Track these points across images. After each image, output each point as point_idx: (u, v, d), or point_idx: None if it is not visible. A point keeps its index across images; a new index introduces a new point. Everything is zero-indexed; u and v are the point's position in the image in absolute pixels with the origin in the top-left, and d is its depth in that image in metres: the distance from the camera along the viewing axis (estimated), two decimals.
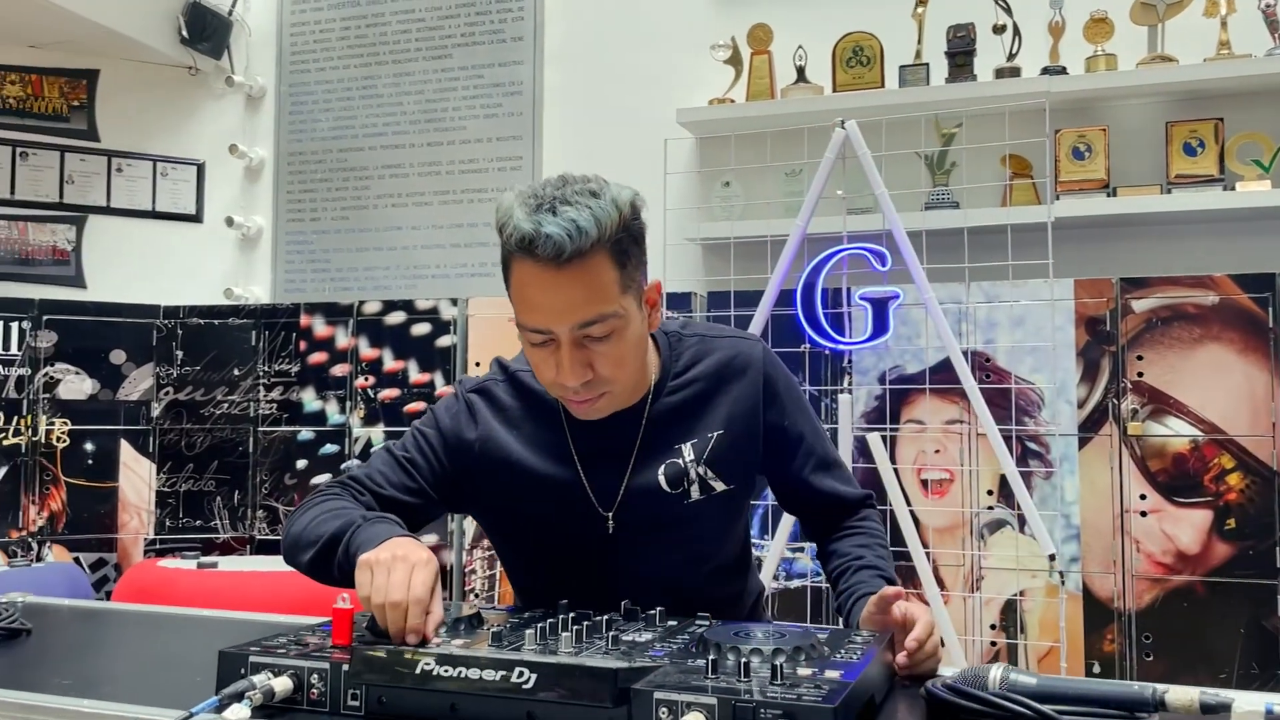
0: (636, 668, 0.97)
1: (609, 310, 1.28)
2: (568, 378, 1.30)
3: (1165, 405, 2.63)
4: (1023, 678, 1.00)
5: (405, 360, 3.30)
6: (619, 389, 1.36)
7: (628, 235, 1.30)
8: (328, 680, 1.02)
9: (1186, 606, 2.58)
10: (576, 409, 1.37)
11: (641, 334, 1.37)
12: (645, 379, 1.43)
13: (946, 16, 3.13)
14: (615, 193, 1.29)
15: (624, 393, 1.38)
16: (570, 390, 1.32)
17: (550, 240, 1.23)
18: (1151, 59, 2.95)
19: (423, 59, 3.86)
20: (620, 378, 1.34)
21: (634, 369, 1.37)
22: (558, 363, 1.30)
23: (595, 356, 1.30)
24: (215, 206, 4.02)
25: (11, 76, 3.84)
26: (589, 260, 1.25)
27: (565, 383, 1.31)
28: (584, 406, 1.35)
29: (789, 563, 2.84)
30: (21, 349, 3.34)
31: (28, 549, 3.28)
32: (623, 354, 1.32)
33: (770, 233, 2.87)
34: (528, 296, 1.29)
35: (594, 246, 1.25)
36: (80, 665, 1.27)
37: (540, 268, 1.25)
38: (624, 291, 1.30)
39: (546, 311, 1.27)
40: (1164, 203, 2.90)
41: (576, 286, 1.26)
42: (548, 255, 1.23)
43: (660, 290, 1.40)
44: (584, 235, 1.23)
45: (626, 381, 1.36)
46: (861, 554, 1.46)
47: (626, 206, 1.29)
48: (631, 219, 1.31)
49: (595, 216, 1.24)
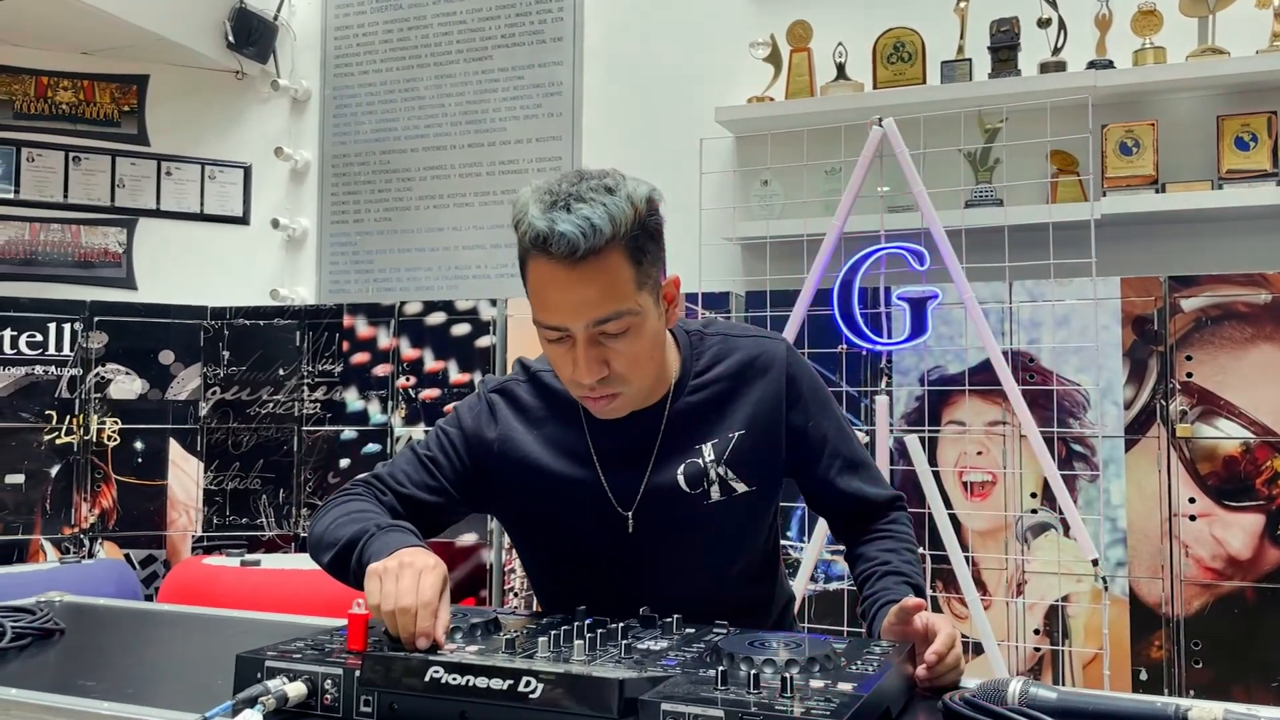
0: (645, 677, 0.96)
1: (624, 307, 1.28)
2: (583, 375, 1.30)
3: (1215, 407, 2.56)
4: (1042, 692, 0.98)
5: (445, 360, 3.32)
6: (635, 388, 1.35)
7: (644, 232, 1.29)
8: (341, 686, 1.03)
9: (1237, 613, 2.51)
10: (593, 407, 1.37)
11: (658, 331, 1.36)
12: (665, 377, 1.43)
13: (989, 11, 3.08)
14: (631, 189, 1.28)
15: (640, 392, 1.37)
16: (586, 388, 1.32)
17: (564, 239, 1.22)
18: (1202, 51, 2.88)
19: (463, 61, 3.89)
20: (636, 376, 1.33)
21: (650, 367, 1.36)
22: (574, 360, 1.30)
23: (611, 354, 1.30)
24: (261, 208, 4.08)
25: (64, 83, 3.93)
26: (604, 257, 1.25)
27: (580, 380, 1.31)
28: (600, 404, 1.35)
29: (827, 564, 2.81)
30: (74, 350, 3.42)
31: (80, 545, 3.36)
32: (638, 351, 1.32)
33: (807, 232, 2.84)
34: (543, 294, 1.29)
35: (608, 244, 1.24)
36: (108, 667, 1.30)
37: (555, 265, 1.25)
38: (640, 288, 1.29)
39: (562, 309, 1.27)
40: (1215, 199, 2.82)
41: (591, 284, 1.25)
42: (562, 253, 1.23)
43: (678, 286, 1.39)
44: (598, 233, 1.23)
45: (643, 380, 1.36)
46: (888, 559, 1.44)
47: (642, 203, 1.28)
48: (648, 215, 1.30)
49: (610, 214, 1.24)
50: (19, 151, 3.85)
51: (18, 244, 3.84)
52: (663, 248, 1.35)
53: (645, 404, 1.41)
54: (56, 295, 3.60)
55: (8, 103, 3.85)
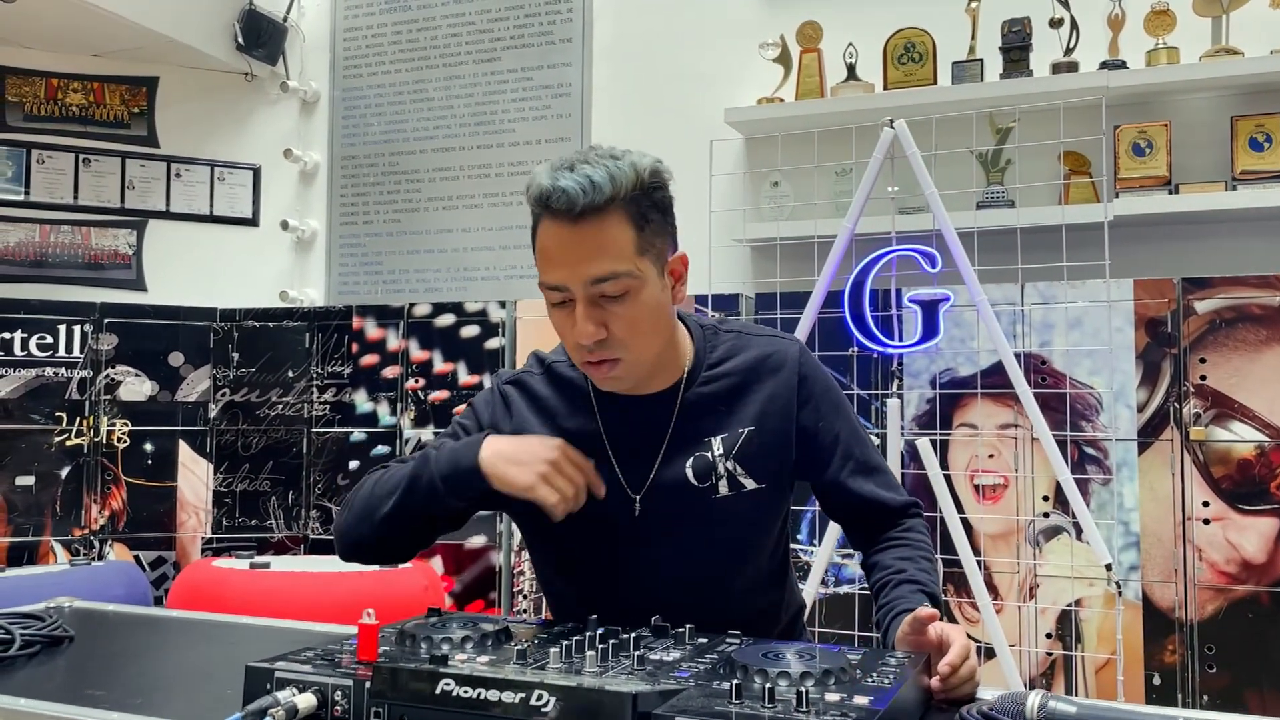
0: (659, 691, 0.95)
1: (622, 268, 1.30)
2: (580, 335, 1.31)
3: (1229, 410, 2.54)
4: (1061, 705, 0.97)
5: (455, 362, 3.32)
6: (634, 356, 1.35)
7: (647, 199, 1.32)
8: (351, 697, 1.02)
9: (1251, 618, 2.49)
10: (595, 375, 1.38)
11: (661, 302, 1.37)
12: (678, 364, 1.44)
13: (1001, 11, 3.06)
14: (636, 158, 1.33)
15: (642, 364, 1.37)
16: (586, 350, 1.33)
17: (564, 193, 1.27)
18: (1215, 51, 2.86)
19: (472, 62, 3.88)
20: (635, 342, 1.34)
21: (652, 338, 1.37)
22: (573, 322, 1.32)
23: (610, 317, 1.32)
24: (271, 210, 4.08)
25: (74, 85, 3.93)
26: (604, 216, 1.29)
27: (579, 340, 1.32)
28: (602, 371, 1.35)
29: (837, 568, 2.80)
30: (84, 352, 3.42)
31: (90, 547, 3.36)
32: (637, 316, 1.33)
33: (818, 233, 2.82)
34: (546, 252, 1.32)
35: (609, 203, 1.28)
36: (117, 675, 1.29)
37: (557, 223, 1.29)
38: (641, 254, 1.32)
39: (561, 266, 1.30)
40: (1229, 200, 2.80)
41: (590, 242, 1.29)
42: (561, 207, 1.27)
43: (686, 264, 1.41)
44: (597, 189, 1.27)
45: (642, 349, 1.36)
46: (903, 567, 1.42)
47: (645, 170, 1.32)
48: (652, 184, 1.33)
49: (611, 174, 1.28)
50: (29, 153, 3.86)
51: (28, 246, 3.84)
52: (671, 223, 1.38)
53: (657, 388, 1.42)
54: (66, 297, 3.60)
55: (18, 105, 3.86)
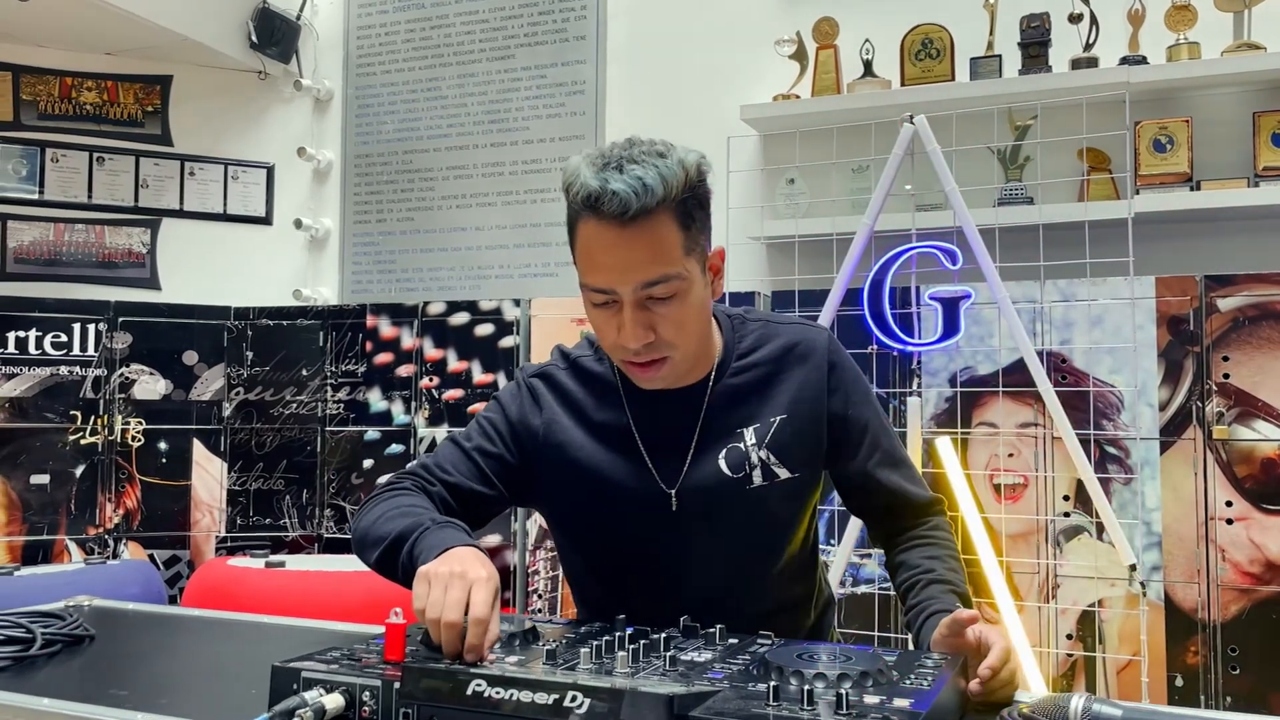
0: (694, 692, 0.93)
1: (673, 271, 1.27)
2: (629, 339, 1.29)
3: (1253, 408, 2.52)
4: (1106, 709, 0.94)
5: (469, 361, 3.30)
6: (680, 354, 1.34)
7: (693, 197, 1.30)
8: (379, 698, 1.00)
9: (1276, 618, 2.46)
10: (637, 374, 1.35)
11: (704, 299, 1.35)
12: (708, 355, 1.42)
13: (1019, 6, 3.04)
14: (682, 154, 1.29)
15: (685, 361, 1.36)
16: (631, 353, 1.31)
17: (616, 197, 1.23)
18: (1237, 46, 2.83)
19: (486, 60, 3.86)
20: (682, 342, 1.33)
21: (696, 335, 1.35)
22: (620, 324, 1.29)
23: (657, 319, 1.30)
24: (284, 209, 4.07)
25: (88, 84, 3.93)
26: (654, 219, 1.25)
27: (627, 344, 1.30)
28: (645, 372, 1.34)
29: (856, 568, 2.78)
30: (98, 350, 3.42)
31: (104, 546, 3.35)
32: (685, 317, 1.31)
33: (836, 230, 2.80)
34: (592, 255, 1.29)
35: (659, 205, 1.25)
36: (140, 675, 1.28)
37: (605, 226, 1.25)
38: (688, 254, 1.29)
39: (610, 270, 1.27)
40: (1251, 196, 2.77)
41: (641, 246, 1.26)
42: (613, 212, 1.24)
43: (723, 257, 1.39)
44: (650, 193, 1.23)
45: (688, 347, 1.34)
46: (932, 566, 1.40)
47: (693, 168, 1.29)
48: (698, 181, 1.31)
49: (661, 175, 1.25)
50: (43, 152, 3.85)
51: (42, 244, 3.84)
52: (710, 217, 1.36)
53: (687, 381, 1.40)
54: (80, 296, 3.59)
55: (32, 103, 3.86)
